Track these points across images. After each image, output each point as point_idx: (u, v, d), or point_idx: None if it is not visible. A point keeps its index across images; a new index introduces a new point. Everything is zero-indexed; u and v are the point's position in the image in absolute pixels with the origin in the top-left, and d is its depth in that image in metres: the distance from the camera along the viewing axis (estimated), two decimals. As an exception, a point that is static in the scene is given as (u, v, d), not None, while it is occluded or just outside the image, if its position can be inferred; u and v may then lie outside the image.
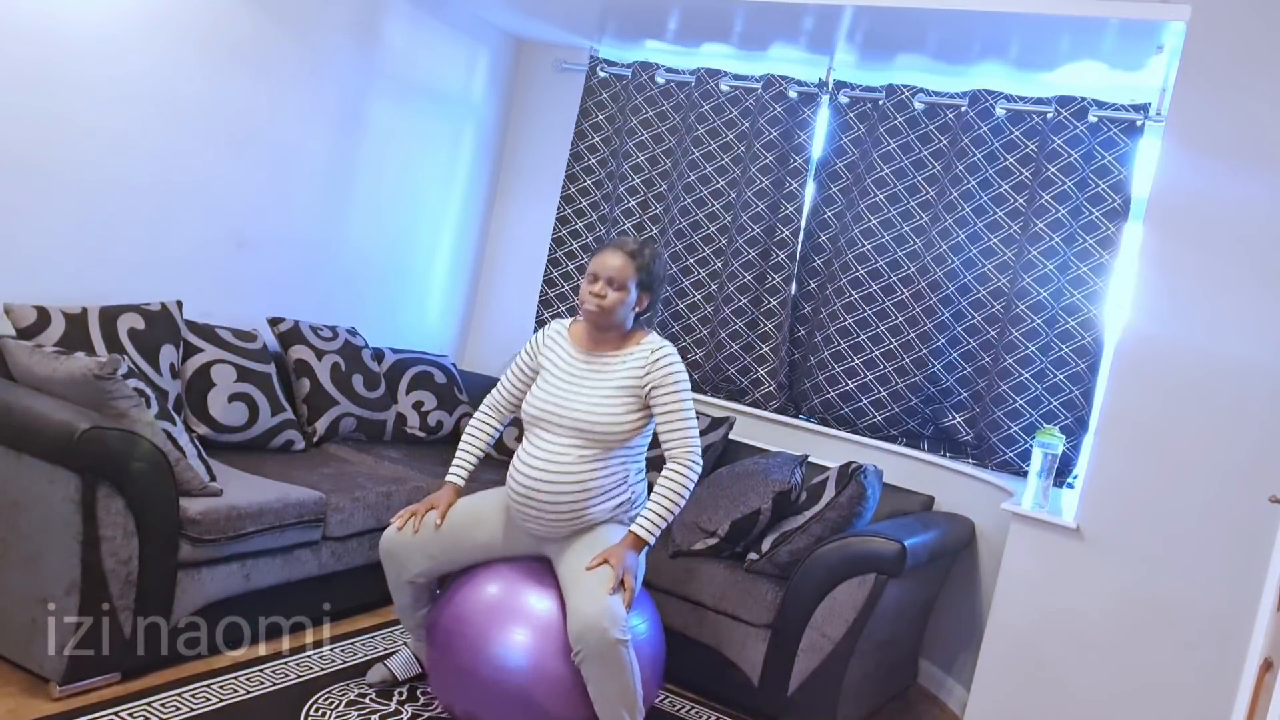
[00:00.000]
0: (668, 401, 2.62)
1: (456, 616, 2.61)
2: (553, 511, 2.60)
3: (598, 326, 2.67)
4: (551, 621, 2.53)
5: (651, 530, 2.59)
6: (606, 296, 2.61)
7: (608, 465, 2.62)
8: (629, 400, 2.62)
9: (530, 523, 2.64)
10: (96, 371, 2.55)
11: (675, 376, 2.63)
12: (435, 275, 4.73)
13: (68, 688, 2.50)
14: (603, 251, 2.68)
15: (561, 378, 2.68)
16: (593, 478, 2.59)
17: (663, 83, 4.40)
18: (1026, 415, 3.58)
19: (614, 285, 2.61)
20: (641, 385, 2.62)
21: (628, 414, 2.61)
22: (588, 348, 2.70)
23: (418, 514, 2.71)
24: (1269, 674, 2.08)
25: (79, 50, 3.07)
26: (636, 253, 2.66)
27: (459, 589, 2.68)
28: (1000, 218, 3.70)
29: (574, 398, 2.62)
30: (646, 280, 2.67)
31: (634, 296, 2.65)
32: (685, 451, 2.62)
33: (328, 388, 3.72)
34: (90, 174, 3.19)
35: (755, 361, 4.17)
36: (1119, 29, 3.08)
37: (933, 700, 3.62)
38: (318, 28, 3.83)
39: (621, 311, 2.64)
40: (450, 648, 2.59)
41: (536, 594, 2.58)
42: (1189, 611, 2.80)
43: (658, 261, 2.72)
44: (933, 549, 3.15)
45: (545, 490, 2.58)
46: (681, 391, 2.63)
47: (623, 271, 2.62)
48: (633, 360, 2.64)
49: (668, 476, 2.62)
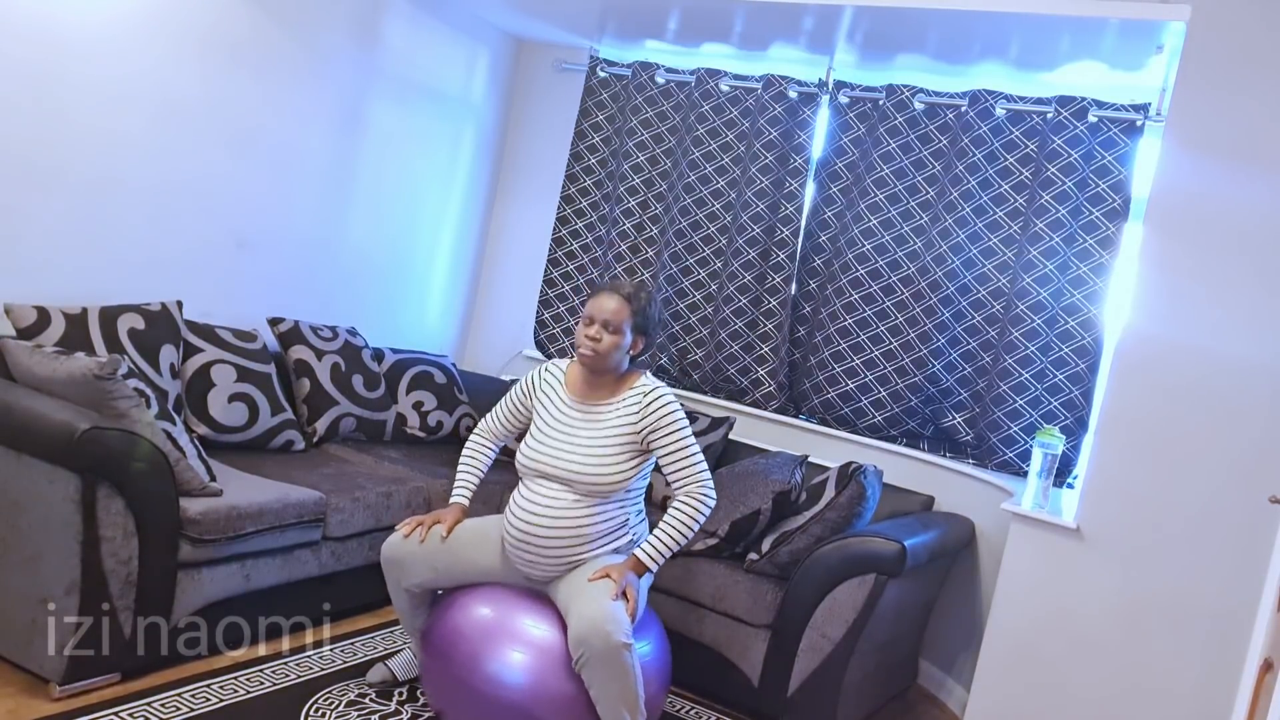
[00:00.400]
0: (669, 443, 2.60)
1: (452, 630, 2.57)
2: (550, 558, 2.58)
3: (593, 370, 2.67)
4: (548, 642, 2.48)
5: (654, 557, 2.57)
6: (601, 340, 2.61)
7: (605, 511, 2.60)
8: (625, 448, 2.60)
9: (527, 567, 2.62)
10: (96, 371, 2.55)
11: (672, 417, 2.61)
12: (435, 275, 4.73)
13: (68, 688, 2.50)
14: (598, 295, 2.68)
15: (555, 428, 2.66)
16: (590, 524, 2.58)
17: (663, 83, 4.40)
18: (1026, 415, 3.58)
19: (609, 329, 2.61)
20: (638, 431, 2.60)
21: (624, 462, 2.59)
22: (582, 394, 2.68)
23: (425, 524, 2.70)
24: (1269, 674, 2.08)
25: (79, 50, 3.07)
26: (632, 296, 2.66)
27: (453, 605, 2.64)
28: (1000, 218, 3.70)
29: (567, 450, 2.60)
30: (642, 323, 2.67)
31: (629, 340, 2.64)
32: (697, 486, 2.60)
33: (328, 388, 3.72)
34: (90, 174, 3.19)
35: (755, 361, 4.17)
36: (1119, 29, 3.08)
37: (933, 700, 3.62)
38: (318, 28, 3.84)
39: (616, 355, 2.64)
40: (446, 659, 2.56)
41: (532, 619, 2.54)
42: (1189, 611, 2.80)
43: (653, 305, 2.72)
44: (933, 549, 3.15)
45: (542, 537, 2.57)
46: (681, 430, 2.61)
47: (618, 314, 2.62)
48: (626, 406, 2.62)
49: (679, 506, 2.60)
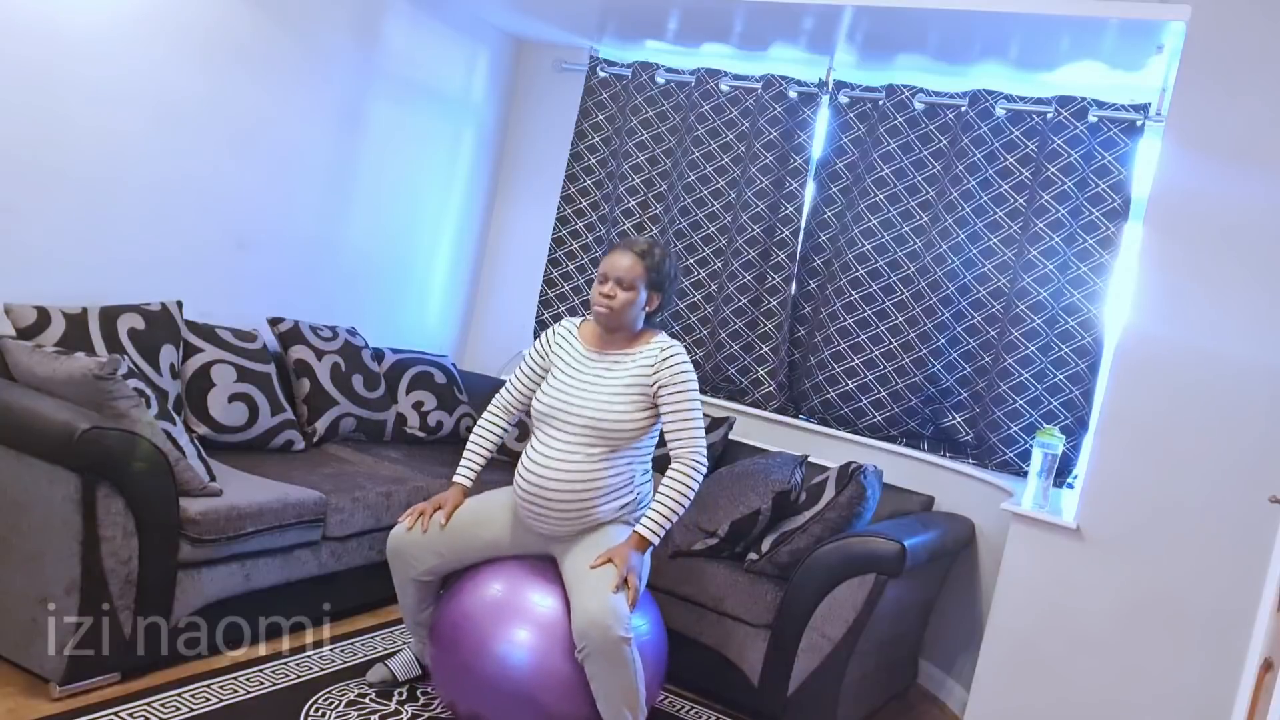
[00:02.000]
0: (675, 400, 2.62)
1: (460, 615, 2.61)
2: (560, 510, 2.60)
3: (607, 328, 2.69)
4: (554, 620, 2.53)
5: (656, 530, 2.59)
6: (616, 297, 2.63)
7: (614, 465, 2.62)
8: (637, 398, 2.62)
9: (537, 521, 2.65)
10: (96, 371, 2.55)
11: (683, 376, 2.63)
12: (435, 275, 4.73)
13: (68, 688, 2.50)
14: (612, 252, 2.70)
15: (571, 375, 2.69)
16: (600, 476, 2.60)
17: (663, 83, 4.40)
18: (1026, 415, 3.57)
19: (623, 285, 2.63)
20: (650, 383, 2.62)
21: (636, 412, 2.62)
22: (597, 346, 2.71)
23: (425, 513, 2.72)
24: (1269, 674, 2.08)
25: (79, 50, 3.07)
26: (646, 252, 2.67)
27: (462, 587, 2.68)
28: (1000, 218, 3.70)
29: (583, 395, 2.63)
30: (656, 280, 2.68)
31: (644, 296, 2.66)
32: (690, 451, 2.63)
33: (328, 388, 3.72)
34: (90, 174, 3.19)
35: (755, 361, 4.17)
36: (1119, 29, 3.08)
37: (933, 700, 3.62)
38: (318, 28, 3.84)
39: (631, 312, 2.65)
40: (454, 646, 2.59)
41: (540, 593, 2.59)
42: (1189, 611, 2.80)
43: (667, 261, 2.72)
44: (933, 549, 3.15)
45: (552, 489, 2.59)
46: (689, 391, 2.64)
47: (631, 271, 2.63)
48: (642, 359, 2.65)
49: (672, 477, 2.63)
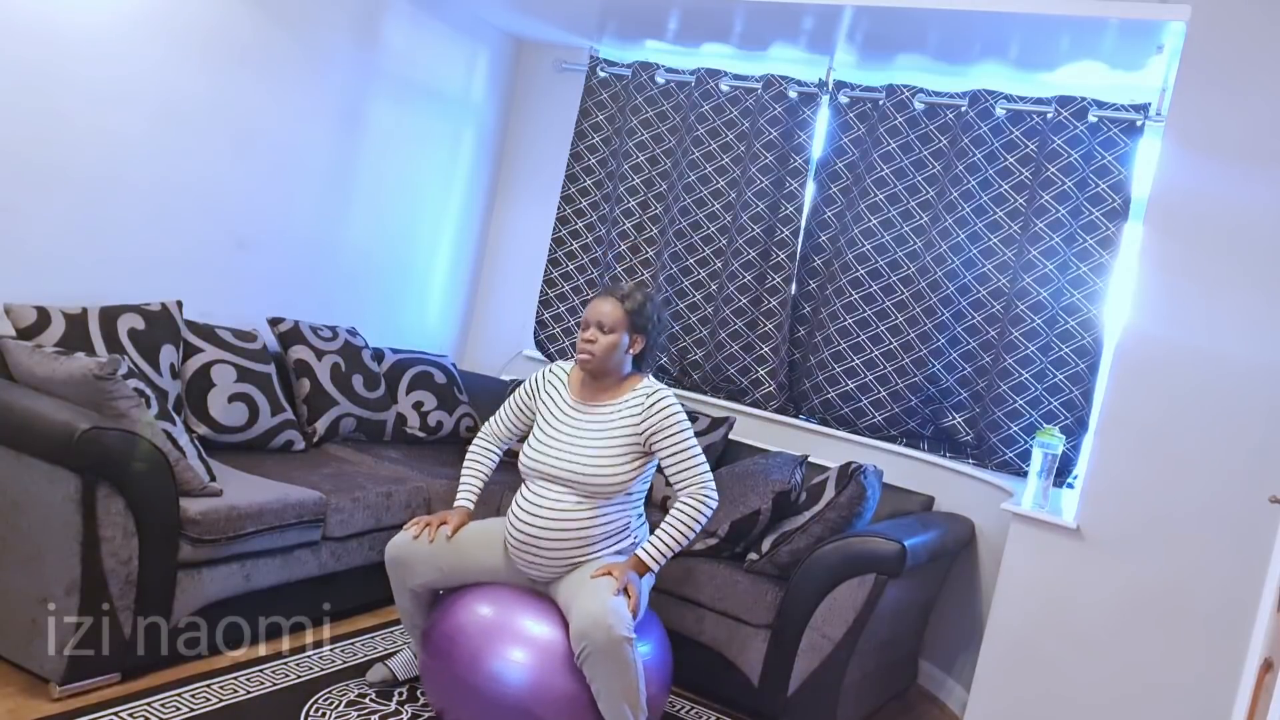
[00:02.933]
0: (672, 444, 2.61)
1: (454, 630, 2.58)
2: (553, 559, 2.60)
3: (592, 374, 2.68)
4: (549, 641, 2.49)
5: (656, 557, 2.58)
6: (597, 341, 2.63)
7: (607, 514, 2.61)
8: (627, 450, 2.60)
9: (530, 569, 2.64)
10: (96, 371, 2.55)
11: (674, 418, 2.61)
12: (435, 275, 4.73)
13: (68, 688, 2.50)
14: (593, 300, 2.72)
15: (557, 429, 2.67)
16: (592, 526, 2.59)
17: (663, 83, 4.40)
18: (1026, 415, 3.57)
19: (604, 330, 2.63)
20: (640, 432, 2.61)
21: (625, 465, 2.60)
22: (584, 396, 2.70)
23: (431, 525, 2.70)
24: (1269, 674, 2.08)
25: (79, 50, 3.07)
26: (626, 296, 2.69)
27: (457, 601, 2.65)
28: (1000, 218, 3.70)
29: (570, 451, 2.61)
30: (639, 323, 2.67)
31: (626, 340, 2.65)
32: (699, 487, 2.61)
33: (328, 388, 3.72)
34: (90, 174, 3.19)
35: (755, 361, 4.17)
36: (1119, 29, 3.08)
37: (933, 700, 3.62)
38: (318, 28, 3.84)
39: (615, 356, 2.65)
40: (446, 658, 2.56)
41: (533, 619, 2.55)
42: (1189, 611, 2.80)
43: (649, 305, 2.72)
44: (933, 549, 3.15)
45: (544, 540, 2.58)
46: (683, 432, 2.62)
47: (612, 315, 2.64)
48: (628, 408, 2.63)
49: (680, 509, 2.60)
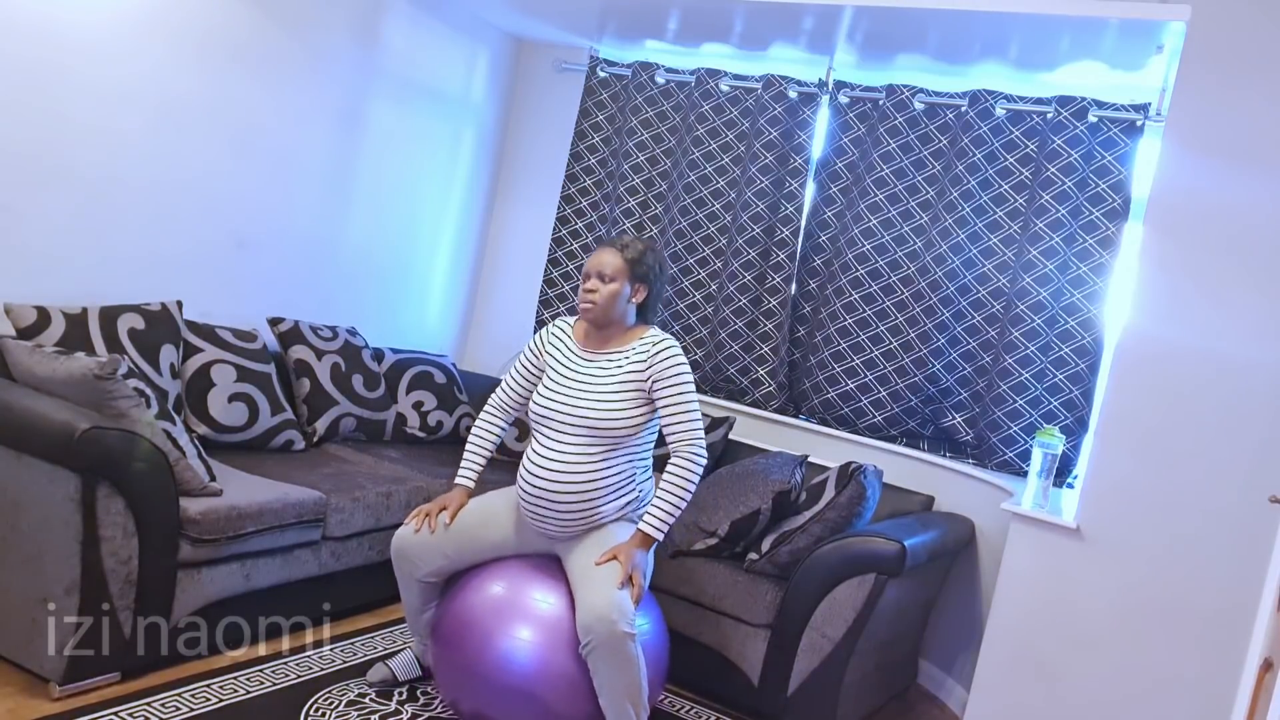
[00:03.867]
0: (670, 394, 2.62)
1: (463, 614, 2.61)
2: (563, 511, 2.61)
3: (596, 324, 2.70)
4: (557, 619, 2.53)
5: (659, 527, 2.60)
6: (598, 291, 2.65)
7: (614, 464, 2.63)
8: (633, 395, 2.62)
9: (540, 523, 2.65)
10: (96, 371, 2.55)
11: (677, 368, 2.63)
12: (435, 275, 4.73)
13: (68, 688, 2.50)
14: (593, 252, 2.74)
15: (566, 376, 2.69)
16: (601, 476, 2.60)
17: (663, 83, 4.40)
18: (1026, 415, 3.57)
19: (604, 279, 2.65)
20: (645, 378, 2.62)
21: (633, 409, 2.62)
22: (590, 345, 2.72)
23: (430, 514, 2.72)
24: (1269, 674, 2.08)
25: (79, 50, 3.07)
26: (627, 245, 2.70)
27: (465, 586, 2.68)
28: (1000, 218, 3.70)
29: (579, 395, 2.63)
30: (641, 272, 2.69)
31: (628, 289, 2.67)
32: (688, 444, 2.63)
33: (328, 388, 3.72)
34: (90, 174, 3.19)
35: (755, 361, 4.17)
36: (1119, 29, 3.08)
37: (933, 700, 3.62)
38: (318, 28, 3.84)
39: (618, 306, 2.66)
40: (457, 645, 2.59)
41: (542, 592, 2.58)
42: (1189, 611, 2.80)
43: (650, 253, 2.73)
44: (933, 549, 3.15)
45: (554, 490, 2.59)
46: (684, 384, 2.64)
47: (611, 264, 2.66)
48: (635, 354, 2.65)
49: (672, 471, 2.62)
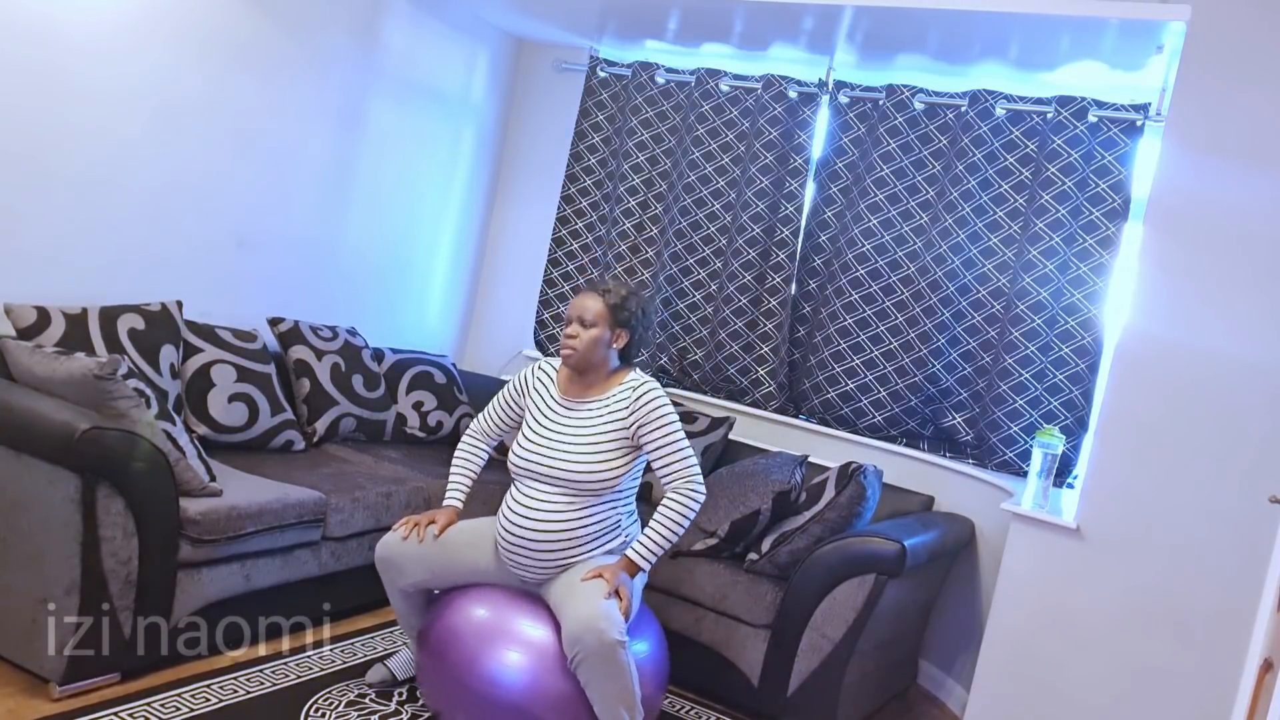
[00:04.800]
0: (658, 438, 2.59)
1: (449, 631, 2.57)
2: (544, 560, 2.58)
3: (577, 370, 2.67)
4: (544, 643, 2.48)
5: (646, 556, 2.57)
6: (578, 337, 2.62)
7: (597, 512, 2.60)
8: (615, 446, 2.59)
9: (521, 570, 2.63)
10: (96, 371, 2.55)
11: (661, 411, 2.60)
12: (435, 275, 4.73)
13: (68, 688, 2.50)
14: (576, 296, 2.72)
15: (546, 427, 2.65)
16: (582, 525, 2.57)
17: (663, 83, 4.40)
18: (1026, 415, 3.57)
19: (585, 324, 2.62)
20: (628, 426, 2.60)
21: (614, 460, 2.58)
22: (572, 393, 2.68)
23: (420, 524, 2.70)
24: (1269, 674, 2.08)
25: (80, 51, 3.07)
26: (608, 290, 2.68)
27: (452, 602, 2.64)
28: (1000, 218, 3.70)
29: (558, 450, 2.60)
30: (623, 318, 2.66)
31: (608, 334, 2.64)
32: (686, 482, 2.60)
33: (328, 388, 3.72)
34: (90, 174, 3.19)
35: (755, 361, 4.17)
36: (1119, 29, 3.08)
37: (933, 700, 3.62)
38: (318, 28, 3.84)
39: (598, 351, 2.64)
40: (442, 659, 2.56)
41: (529, 620, 2.53)
42: (1189, 611, 2.80)
43: (632, 298, 2.70)
44: (933, 549, 3.15)
45: (535, 540, 2.57)
46: (670, 425, 2.60)
47: (592, 309, 2.63)
48: (615, 403, 2.62)
49: (669, 505, 2.59)
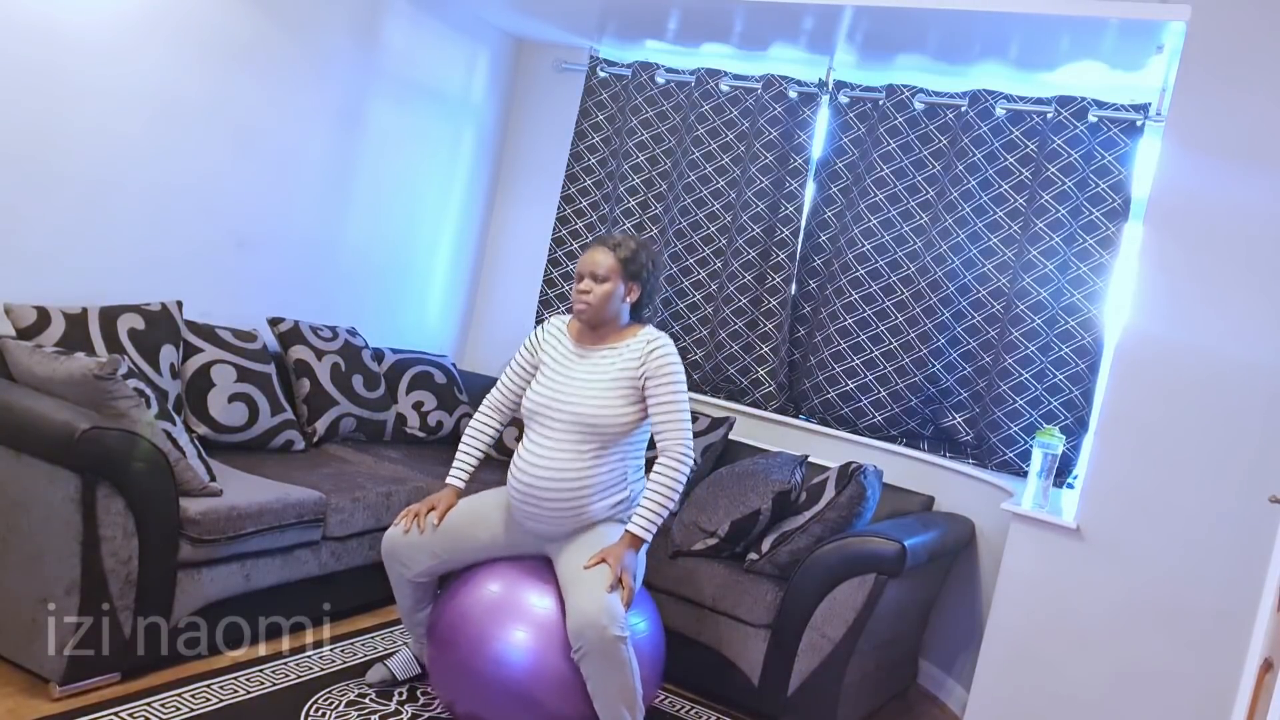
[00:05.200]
0: (661, 392, 2.62)
1: (457, 615, 2.61)
2: (553, 508, 2.60)
3: (589, 324, 2.70)
4: (552, 620, 2.53)
5: (647, 528, 2.59)
6: (591, 291, 2.65)
7: (607, 461, 2.63)
8: (626, 392, 2.62)
9: (531, 520, 2.65)
10: (96, 371, 2.55)
11: (670, 367, 2.63)
12: (435, 275, 4.73)
13: (68, 688, 2.50)
14: (585, 251, 2.73)
15: (560, 371, 2.69)
16: (592, 473, 2.60)
17: (663, 83, 4.40)
18: (1026, 415, 3.57)
19: (597, 279, 2.65)
20: (637, 376, 2.62)
21: (625, 406, 2.62)
22: (585, 342, 2.72)
23: (420, 514, 2.72)
24: (1269, 674, 2.08)
25: (80, 50, 3.07)
26: (618, 244, 2.70)
27: (459, 588, 2.68)
28: (1000, 218, 3.70)
29: (572, 391, 2.63)
30: (634, 270, 2.68)
31: (621, 288, 2.67)
32: (676, 444, 2.62)
33: (328, 388, 3.72)
34: (91, 174, 3.19)
35: (755, 361, 4.17)
36: (1119, 29, 3.08)
37: (933, 700, 3.62)
38: (318, 28, 3.84)
39: (611, 305, 2.66)
40: (451, 646, 2.60)
41: (537, 593, 2.59)
42: (1189, 611, 2.80)
43: (643, 252, 2.72)
44: (933, 549, 3.15)
45: (545, 486, 2.59)
46: (675, 383, 2.63)
47: (604, 264, 2.66)
48: (629, 352, 2.65)
49: (659, 471, 2.62)
